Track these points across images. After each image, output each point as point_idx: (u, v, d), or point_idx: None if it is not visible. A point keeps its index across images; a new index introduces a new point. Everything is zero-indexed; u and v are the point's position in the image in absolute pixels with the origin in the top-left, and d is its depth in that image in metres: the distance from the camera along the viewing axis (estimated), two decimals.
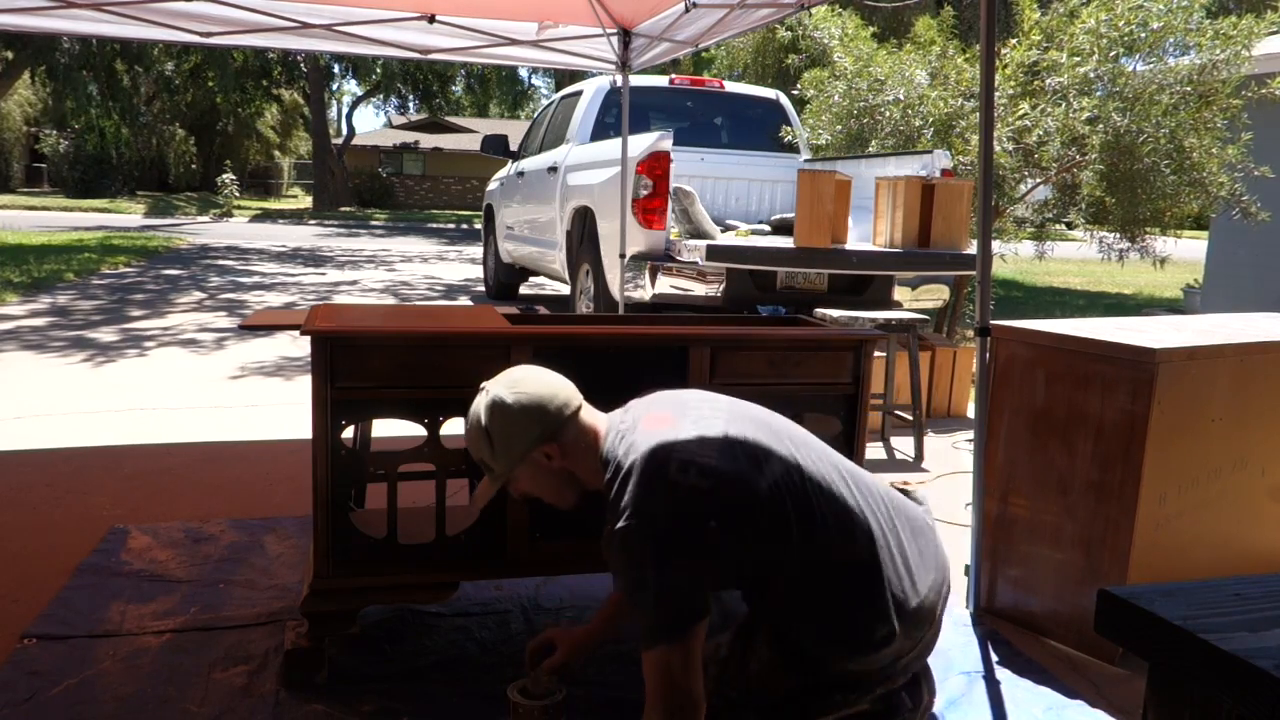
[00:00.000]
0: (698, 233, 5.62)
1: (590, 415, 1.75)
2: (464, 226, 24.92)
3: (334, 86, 37.40)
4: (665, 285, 5.22)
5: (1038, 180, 6.38)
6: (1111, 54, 5.85)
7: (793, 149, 7.20)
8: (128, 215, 23.83)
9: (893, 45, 7.19)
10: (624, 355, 2.32)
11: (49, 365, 5.64)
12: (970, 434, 3.45)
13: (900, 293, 5.52)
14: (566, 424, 1.69)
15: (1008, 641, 2.51)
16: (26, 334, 6.65)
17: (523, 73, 33.83)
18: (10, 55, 22.35)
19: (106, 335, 6.70)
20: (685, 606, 1.46)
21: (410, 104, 36.30)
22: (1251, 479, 2.62)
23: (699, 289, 5.17)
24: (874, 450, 4.29)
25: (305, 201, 35.19)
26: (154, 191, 32.54)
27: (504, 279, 9.26)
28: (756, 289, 5.26)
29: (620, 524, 1.51)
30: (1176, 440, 2.35)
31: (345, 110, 39.95)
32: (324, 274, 11.85)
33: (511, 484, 1.74)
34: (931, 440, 4.50)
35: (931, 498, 3.69)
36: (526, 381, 1.72)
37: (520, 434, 1.67)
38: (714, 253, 5.01)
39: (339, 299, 9.57)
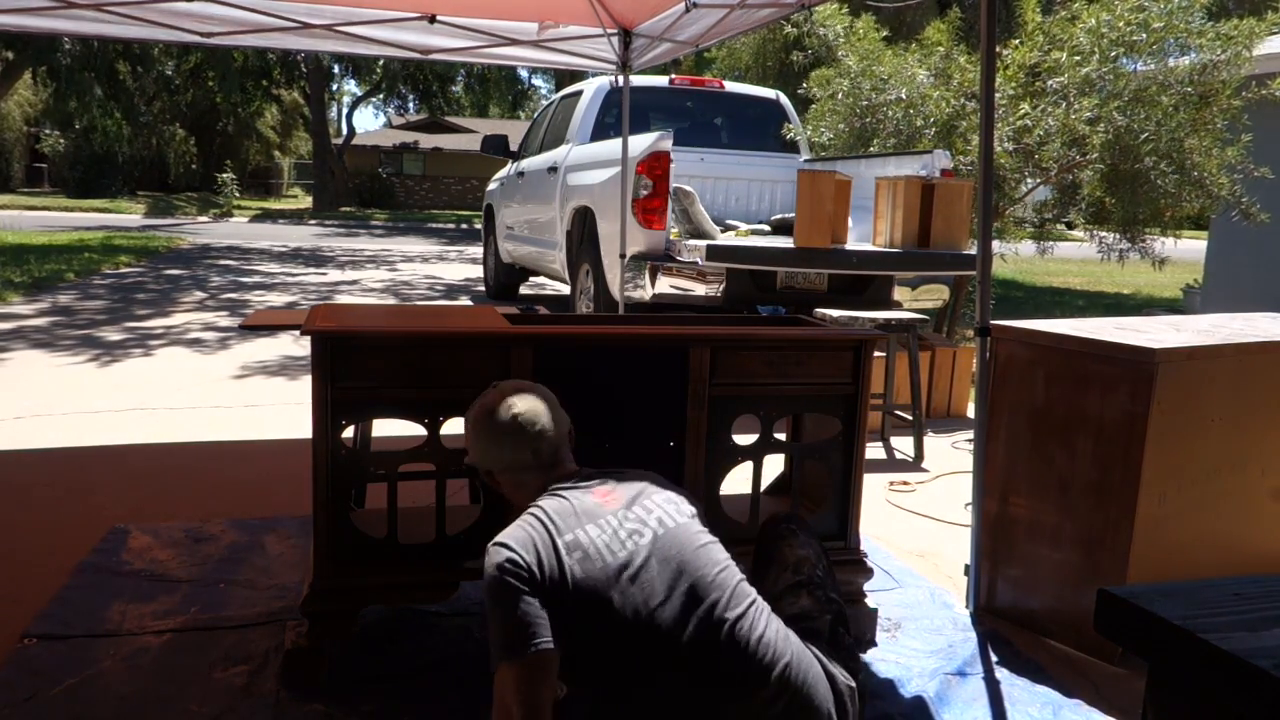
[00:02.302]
0: (698, 233, 5.62)
1: (549, 470, 1.80)
2: (464, 226, 24.93)
3: (334, 86, 37.48)
4: (665, 285, 5.22)
5: (1038, 180, 6.38)
6: (1112, 54, 5.85)
7: (793, 149, 7.20)
8: (128, 215, 23.84)
9: (899, 47, 7.19)
10: (624, 355, 2.32)
11: (51, 365, 5.64)
12: (970, 434, 3.45)
13: (900, 293, 5.52)
14: (504, 471, 1.83)
15: (1007, 641, 2.51)
16: (29, 333, 6.65)
17: (523, 73, 33.90)
18: (11, 55, 22.35)
19: (108, 335, 6.70)
20: (511, 636, 1.54)
21: (410, 104, 36.33)
22: (1251, 479, 2.62)
23: (699, 289, 5.17)
24: (874, 450, 4.29)
25: (305, 201, 35.18)
26: (154, 191, 32.53)
27: (504, 279, 9.26)
28: (756, 289, 5.26)
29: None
30: (1176, 440, 2.35)
31: (345, 110, 40.02)
32: (325, 274, 11.86)
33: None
34: (931, 440, 4.50)
35: (932, 497, 3.70)
36: (493, 421, 1.82)
37: (472, 448, 1.88)
38: (714, 253, 5.01)
39: (340, 299, 9.57)
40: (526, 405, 1.83)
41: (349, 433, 2.22)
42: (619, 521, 1.65)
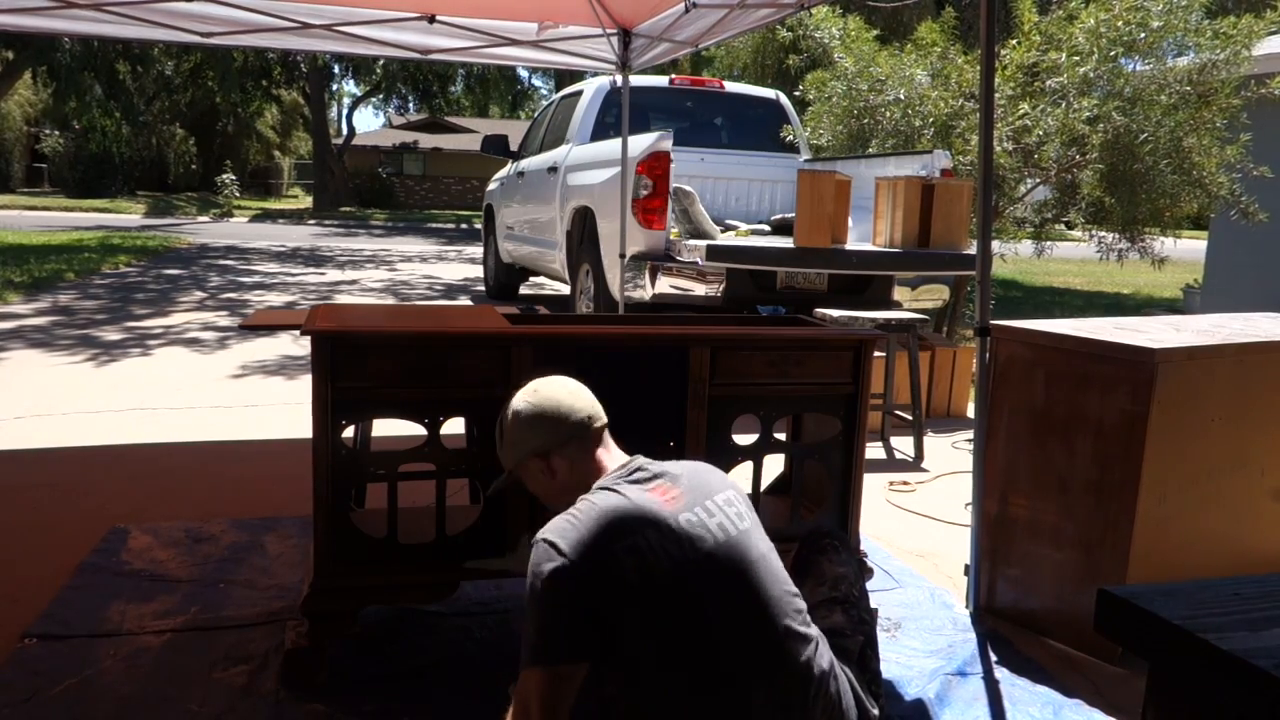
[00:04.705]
0: (698, 233, 5.62)
1: (602, 451, 1.77)
2: (464, 226, 24.92)
3: (334, 87, 37.43)
4: (665, 285, 5.22)
5: (1038, 180, 6.38)
6: (1111, 54, 5.85)
7: (793, 149, 7.20)
8: (128, 215, 23.83)
9: (894, 48, 7.19)
10: (624, 355, 2.32)
11: (50, 365, 5.63)
12: (970, 434, 3.45)
13: (900, 293, 5.52)
14: (565, 445, 1.75)
15: (1007, 641, 2.51)
16: (28, 333, 6.65)
17: (523, 73, 33.86)
18: (11, 55, 22.34)
19: (108, 335, 6.70)
20: (544, 642, 1.51)
21: (410, 104, 36.31)
22: (1251, 479, 2.62)
23: (699, 289, 5.17)
24: (874, 450, 4.29)
25: (305, 201, 35.16)
26: (154, 191, 32.50)
27: (504, 279, 9.26)
28: (756, 289, 5.26)
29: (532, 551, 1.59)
30: (1176, 440, 2.35)
31: (345, 110, 39.99)
32: (324, 274, 11.85)
33: (520, 480, 1.85)
34: (931, 440, 4.50)
35: (932, 497, 3.70)
36: (547, 395, 1.79)
37: (522, 440, 1.78)
38: (714, 253, 5.01)
39: (339, 298, 9.57)
40: (554, 382, 1.82)
41: (349, 433, 2.22)
42: (679, 526, 1.59)
